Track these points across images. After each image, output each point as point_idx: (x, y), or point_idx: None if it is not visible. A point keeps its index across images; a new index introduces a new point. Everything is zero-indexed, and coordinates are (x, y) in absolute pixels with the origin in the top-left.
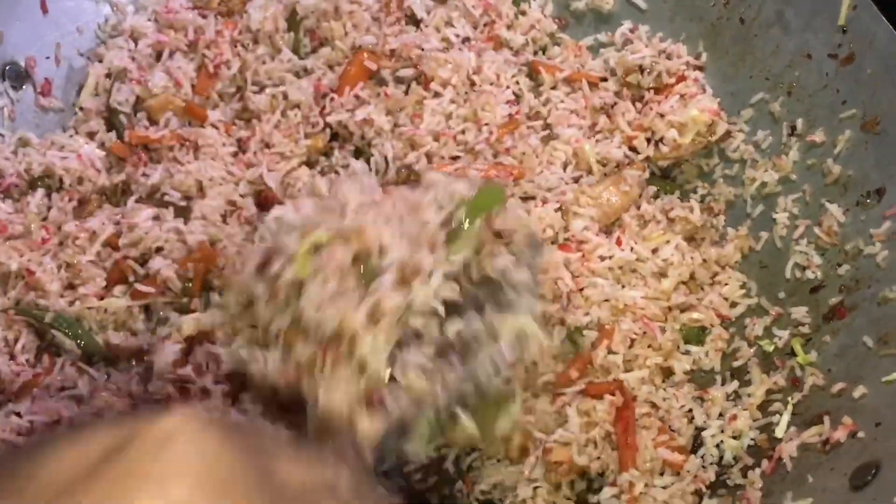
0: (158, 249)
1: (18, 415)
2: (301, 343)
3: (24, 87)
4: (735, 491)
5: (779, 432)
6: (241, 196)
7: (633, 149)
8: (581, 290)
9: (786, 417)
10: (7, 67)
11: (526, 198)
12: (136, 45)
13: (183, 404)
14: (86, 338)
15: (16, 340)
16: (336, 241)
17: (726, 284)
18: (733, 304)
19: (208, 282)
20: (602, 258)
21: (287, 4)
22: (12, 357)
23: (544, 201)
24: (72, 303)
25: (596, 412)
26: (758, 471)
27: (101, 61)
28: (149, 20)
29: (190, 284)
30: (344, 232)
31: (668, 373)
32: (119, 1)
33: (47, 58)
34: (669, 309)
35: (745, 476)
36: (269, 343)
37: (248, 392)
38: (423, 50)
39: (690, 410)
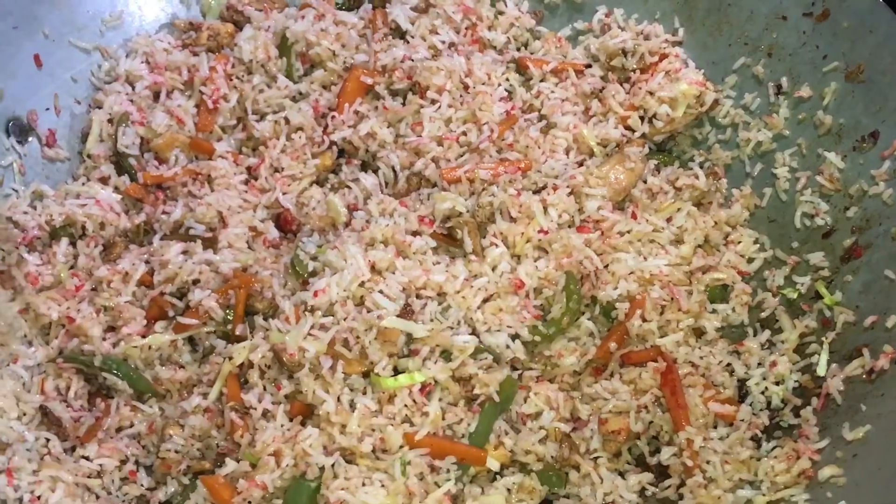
0: (195, 282)
1: (88, 458)
2: None
3: (29, 140)
4: (791, 431)
5: (820, 371)
6: (262, 221)
7: (628, 128)
8: (606, 266)
9: (824, 356)
10: (10, 123)
11: (537, 189)
12: (134, 88)
13: None
14: (135, 376)
15: (67, 388)
16: None
17: (740, 242)
18: (750, 260)
19: (250, 306)
20: (621, 233)
21: (276, 32)
22: (67, 404)
23: (555, 188)
24: (115, 344)
25: (642, 379)
26: (809, 409)
27: (100, 107)
28: (142, 63)
29: (230, 311)
30: None
31: (699, 333)
32: (109, 47)
33: (47, 109)
34: (692, 273)
35: (797, 416)
36: None
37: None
38: (413, 61)
39: (729, 364)
